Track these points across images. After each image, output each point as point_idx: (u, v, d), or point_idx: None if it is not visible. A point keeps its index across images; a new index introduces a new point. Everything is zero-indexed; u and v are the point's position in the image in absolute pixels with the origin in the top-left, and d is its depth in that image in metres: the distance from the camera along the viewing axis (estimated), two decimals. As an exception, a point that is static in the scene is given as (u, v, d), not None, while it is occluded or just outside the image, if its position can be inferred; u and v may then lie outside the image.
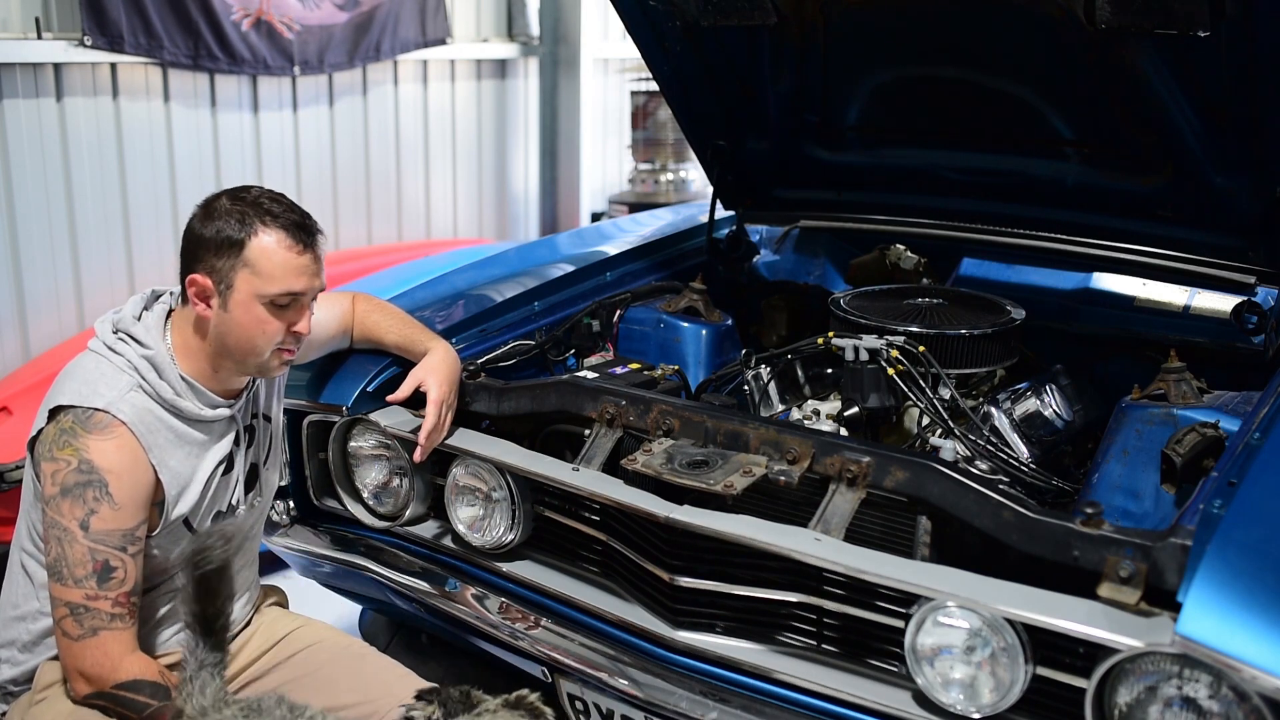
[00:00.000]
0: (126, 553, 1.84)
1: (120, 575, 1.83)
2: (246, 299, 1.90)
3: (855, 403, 2.42)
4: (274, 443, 2.20)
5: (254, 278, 1.90)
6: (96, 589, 1.81)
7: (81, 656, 1.82)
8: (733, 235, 3.27)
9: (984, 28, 2.55)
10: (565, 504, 2.22)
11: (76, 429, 1.84)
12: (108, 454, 1.84)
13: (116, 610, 1.83)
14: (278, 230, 1.91)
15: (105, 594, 1.82)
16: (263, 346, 1.94)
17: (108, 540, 1.82)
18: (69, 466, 1.82)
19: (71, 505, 1.81)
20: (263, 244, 1.89)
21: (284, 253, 1.91)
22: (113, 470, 1.83)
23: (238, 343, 1.93)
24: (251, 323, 1.92)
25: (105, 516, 1.82)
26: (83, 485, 1.82)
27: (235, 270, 1.90)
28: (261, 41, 5.19)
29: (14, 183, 4.41)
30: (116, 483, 1.83)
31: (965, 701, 1.70)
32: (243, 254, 1.89)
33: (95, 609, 1.81)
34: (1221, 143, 2.41)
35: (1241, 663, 1.39)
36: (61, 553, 1.81)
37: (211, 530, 1.91)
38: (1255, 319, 2.49)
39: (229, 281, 1.90)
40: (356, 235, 6.00)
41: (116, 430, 1.85)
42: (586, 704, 2.06)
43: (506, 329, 2.68)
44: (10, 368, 4.44)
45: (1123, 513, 2.11)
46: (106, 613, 1.82)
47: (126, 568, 1.84)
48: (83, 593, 1.81)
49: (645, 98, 6.80)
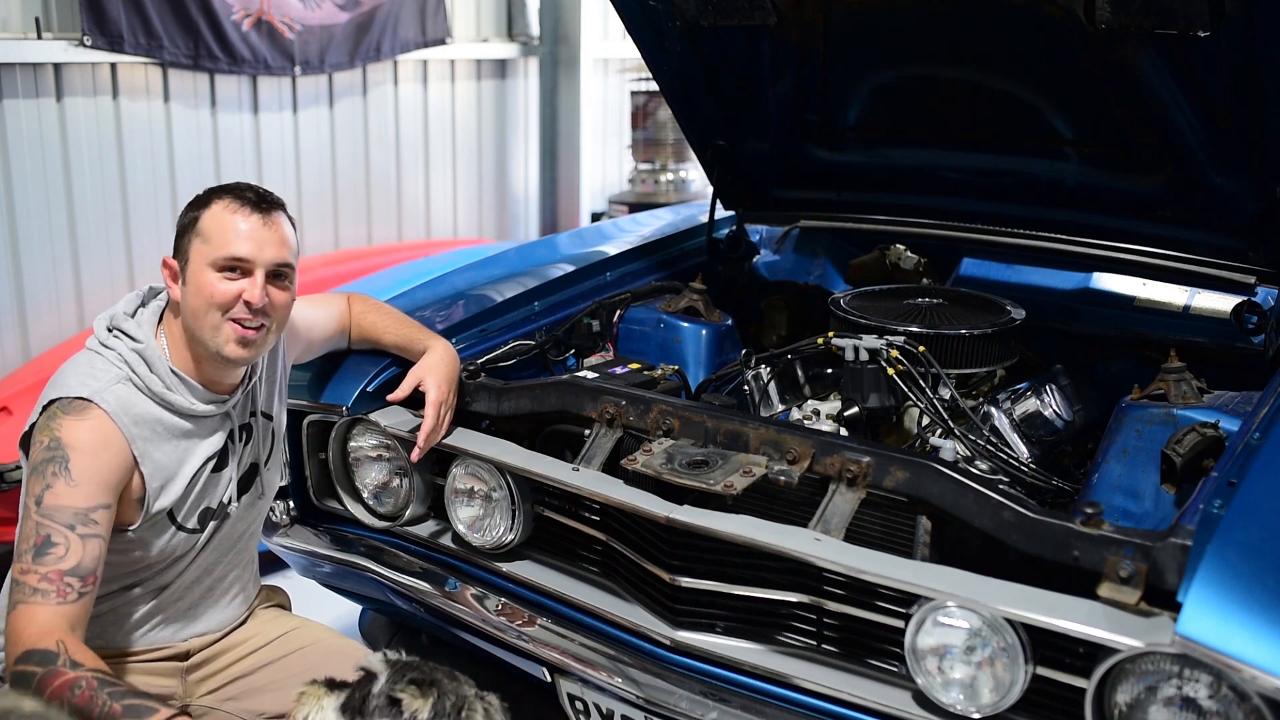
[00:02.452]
0: (74, 532, 1.77)
1: (59, 553, 1.75)
2: (198, 268, 1.91)
3: (855, 403, 2.42)
4: (275, 442, 2.20)
5: (203, 245, 1.91)
6: (30, 563, 1.75)
7: (8, 628, 1.76)
8: (733, 235, 3.27)
9: (984, 28, 2.55)
10: (565, 504, 2.22)
11: (58, 413, 1.84)
12: (77, 432, 1.82)
13: (41, 586, 1.74)
14: (231, 199, 1.93)
15: (36, 568, 1.74)
16: (212, 316, 1.90)
17: (56, 516, 1.77)
18: (40, 447, 1.82)
19: (34, 482, 1.80)
20: (214, 212, 1.92)
21: (230, 216, 1.91)
22: (77, 447, 1.81)
23: (193, 315, 1.92)
24: (200, 290, 1.91)
25: (59, 492, 1.78)
26: (46, 461, 1.80)
27: (191, 243, 1.92)
28: (262, 41, 5.19)
29: (14, 183, 4.41)
30: (78, 460, 1.80)
31: (965, 701, 1.70)
32: (197, 225, 1.92)
33: (22, 583, 1.75)
34: (1221, 143, 2.41)
35: (1241, 663, 1.39)
36: (19, 531, 1.80)
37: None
38: (1255, 319, 2.49)
39: (186, 255, 1.92)
40: (356, 235, 6.00)
41: (93, 413, 1.84)
42: (586, 704, 2.06)
43: (506, 329, 2.68)
44: (10, 368, 4.44)
45: (1123, 513, 2.11)
46: (31, 587, 1.74)
47: (69, 546, 1.76)
48: (20, 566, 1.76)
49: (645, 98, 6.80)
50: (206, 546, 2.06)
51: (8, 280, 4.46)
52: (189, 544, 2.02)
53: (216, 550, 2.09)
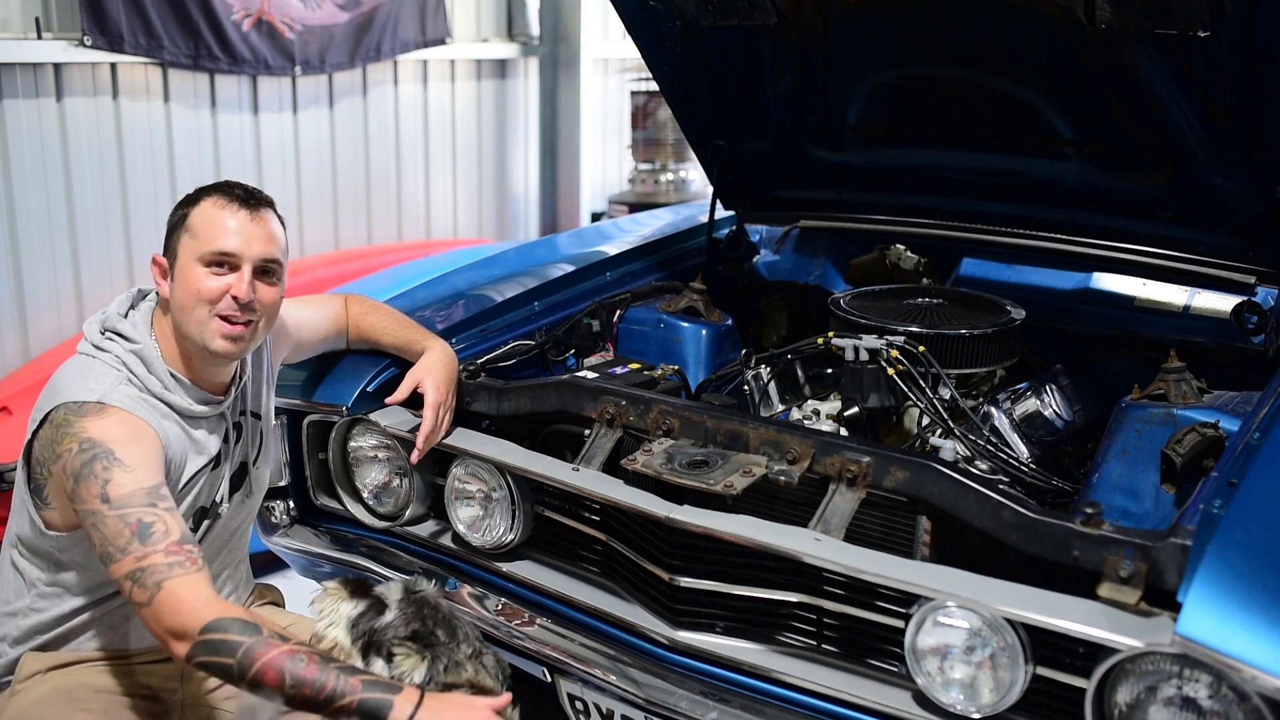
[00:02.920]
0: (157, 508, 1.75)
1: (161, 529, 1.73)
2: (186, 263, 1.91)
3: (855, 403, 2.41)
4: (265, 440, 2.19)
5: (191, 241, 1.92)
6: (143, 548, 1.71)
7: (159, 617, 1.71)
8: (733, 235, 3.27)
9: (984, 28, 2.55)
10: (565, 504, 2.22)
11: (70, 419, 1.82)
12: (107, 428, 1.80)
13: (172, 559, 1.71)
14: (219, 196, 1.94)
15: (153, 549, 1.71)
16: (200, 311, 1.90)
17: (131, 501, 1.74)
18: (72, 453, 1.79)
19: (87, 485, 1.76)
20: (202, 209, 1.93)
21: (217, 211, 1.92)
22: (115, 439, 1.79)
23: (180, 311, 1.92)
24: (188, 285, 1.91)
25: (120, 482, 1.75)
26: (89, 462, 1.77)
27: (179, 239, 1.93)
28: (262, 41, 5.19)
29: (14, 183, 4.42)
30: (122, 449, 1.78)
31: (965, 701, 1.70)
32: (186, 222, 1.93)
33: (150, 566, 1.71)
34: (1221, 143, 2.41)
35: (1241, 663, 1.39)
36: (101, 536, 1.74)
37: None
38: (1255, 319, 2.49)
39: (175, 251, 1.93)
40: (356, 235, 6.01)
41: (112, 410, 1.83)
42: (586, 704, 2.06)
43: (506, 329, 2.68)
44: (10, 368, 4.45)
45: (1123, 513, 2.11)
46: (163, 564, 1.71)
47: (163, 520, 1.74)
48: (132, 558, 1.71)
49: (645, 98, 6.80)
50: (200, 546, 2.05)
51: (8, 280, 4.46)
52: None
53: (209, 550, 2.08)
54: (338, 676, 1.65)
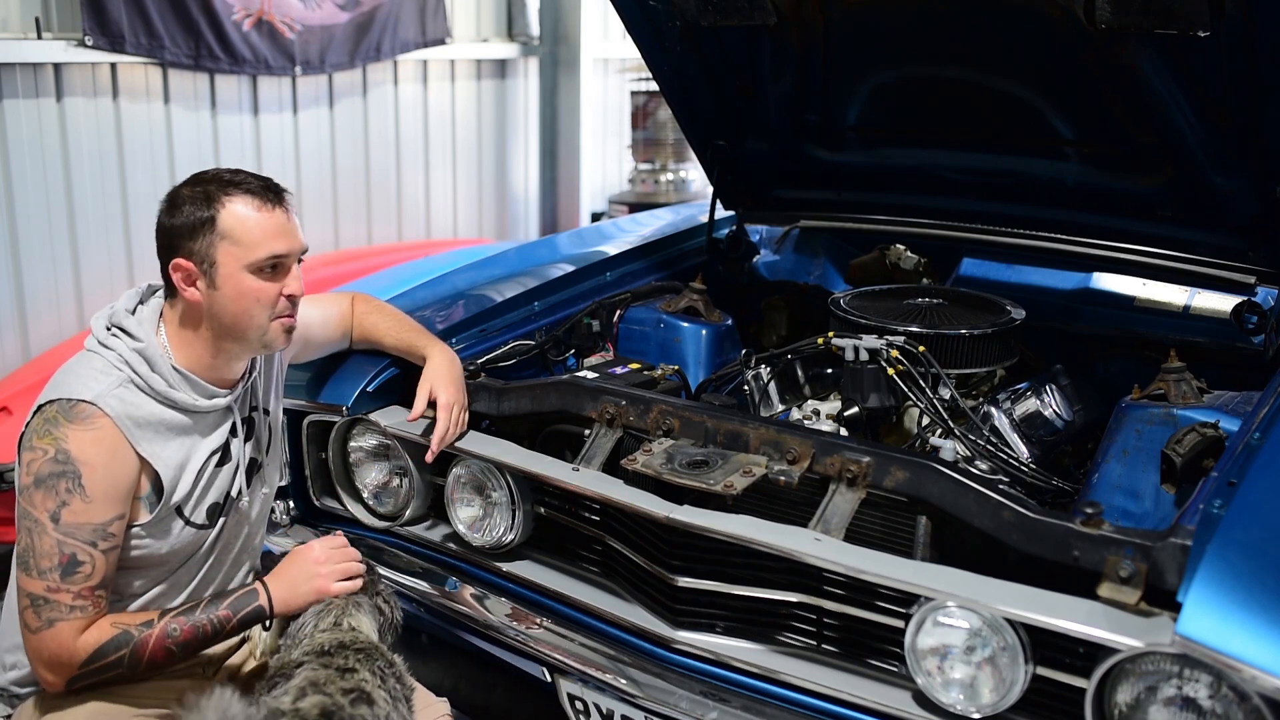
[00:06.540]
0: (96, 548, 1.80)
1: (87, 570, 1.79)
2: (233, 272, 1.89)
3: (855, 403, 2.42)
4: (274, 437, 2.19)
5: (235, 248, 1.88)
6: (59, 581, 1.78)
7: (40, 649, 1.80)
8: (733, 235, 3.27)
9: (984, 28, 2.55)
10: (565, 504, 2.22)
11: (59, 418, 1.82)
12: (85, 445, 1.81)
13: (77, 603, 1.79)
14: (244, 195, 1.90)
15: (67, 587, 1.78)
16: (260, 316, 1.92)
17: (77, 534, 1.79)
18: (45, 456, 1.80)
19: (44, 496, 1.79)
20: (234, 212, 1.89)
21: (256, 215, 1.89)
22: (88, 462, 1.81)
23: (235, 318, 1.91)
24: (244, 294, 1.90)
25: (76, 509, 1.79)
26: (56, 476, 1.79)
27: (214, 246, 1.88)
28: (262, 41, 5.19)
29: (14, 183, 4.42)
30: (90, 475, 1.80)
31: (965, 701, 1.70)
32: (217, 228, 1.88)
33: (55, 601, 1.78)
34: (1221, 143, 2.41)
35: (1241, 663, 1.39)
36: (30, 543, 1.79)
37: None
38: (1255, 319, 2.49)
39: (211, 259, 1.89)
40: (356, 235, 6.01)
41: (99, 422, 1.83)
42: (586, 704, 2.06)
43: (506, 329, 2.68)
44: (10, 368, 4.45)
45: (1123, 513, 2.11)
46: (67, 605, 1.79)
47: (94, 563, 1.80)
48: (45, 584, 1.78)
49: (645, 98, 6.80)
50: (218, 541, 2.06)
51: (8, 280, 4.46)
52: (199, 540, 2.01)
53: (230, 538, 2.09)
54: (206, 612, 1.89)
